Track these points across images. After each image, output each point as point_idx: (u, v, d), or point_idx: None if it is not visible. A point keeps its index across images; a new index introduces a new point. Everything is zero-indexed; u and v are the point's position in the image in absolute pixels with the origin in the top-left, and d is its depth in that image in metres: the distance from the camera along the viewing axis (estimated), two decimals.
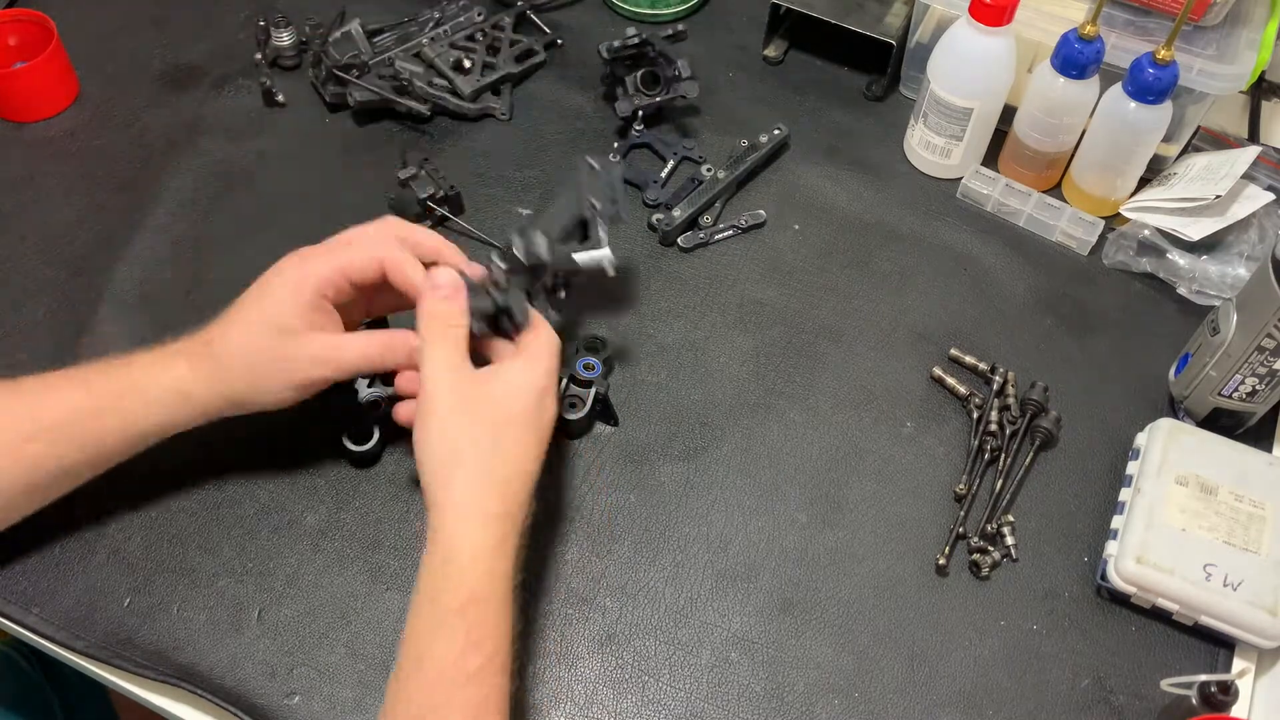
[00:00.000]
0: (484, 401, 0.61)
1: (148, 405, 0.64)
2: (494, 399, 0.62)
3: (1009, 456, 0.74)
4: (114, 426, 0.64)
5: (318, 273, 0.65)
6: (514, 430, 0.61)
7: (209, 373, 0.64)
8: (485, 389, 0.62)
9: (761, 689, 0.66)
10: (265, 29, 0.95)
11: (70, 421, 0.63)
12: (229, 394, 0.65)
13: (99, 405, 0.64)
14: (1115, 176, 0.85)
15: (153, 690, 0.66)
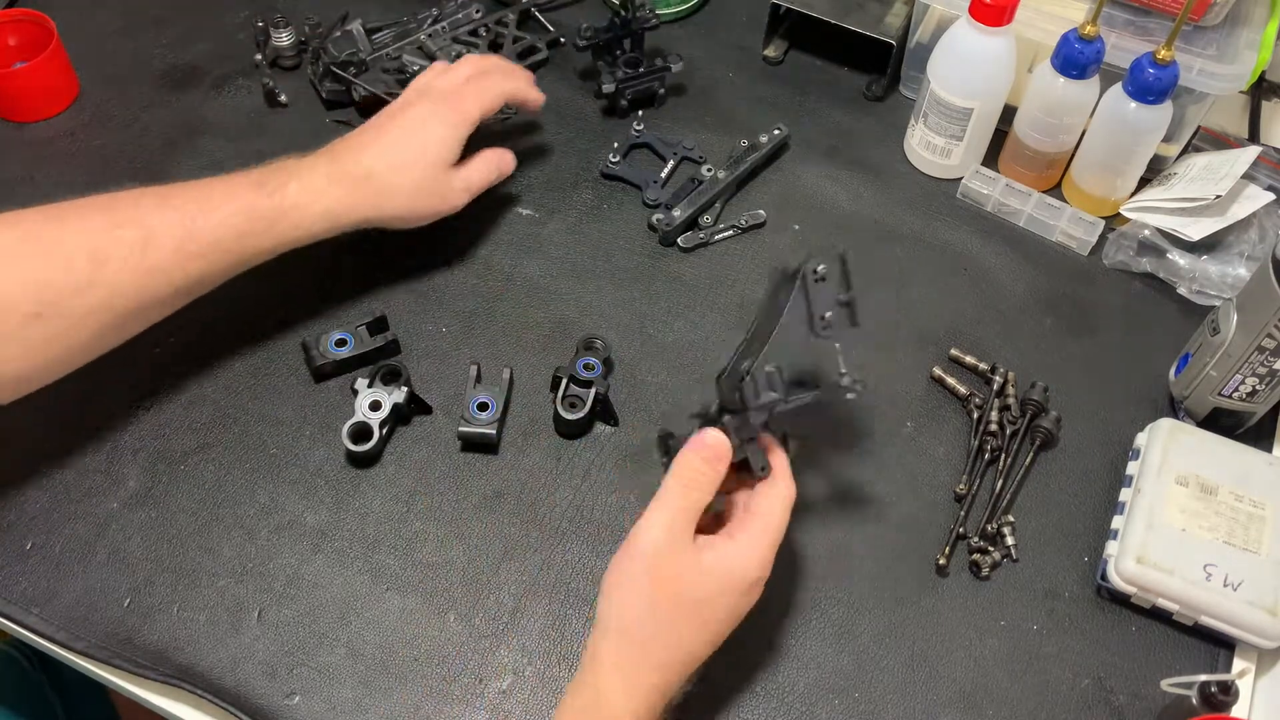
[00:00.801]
0: (680, 579, 0.57)
1: (298, 227, 0.71)
2: (692, 577, 0.58)
3: (1009, 456, 0.74)
4: (266, 245, 0.71)
5: (470, 118, 0.76)
6: (701, 615, 0.58)
7: (362, 200, 0.73)
8: (688, 562, 0.57)
9: (761, 689, 0.66)
10: (265, 29, 0.95)
11: (230, 239, 0.69)
12: (375, 218, 0.74)
13: (257, 228, 0.69)
14: (1115, 176, 0.85)
15: (153, 690, 0.66)
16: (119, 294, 0.65)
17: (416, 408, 0.75)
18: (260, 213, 0.69)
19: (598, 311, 0.81)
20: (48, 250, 0.64)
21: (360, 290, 0.82)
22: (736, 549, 0.59)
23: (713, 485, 0.60)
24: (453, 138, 0.76)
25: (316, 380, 0.77)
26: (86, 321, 0.65)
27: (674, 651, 0.58)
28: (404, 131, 0.75)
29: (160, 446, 0.74)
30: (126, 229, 0.66)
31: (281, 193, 0.70)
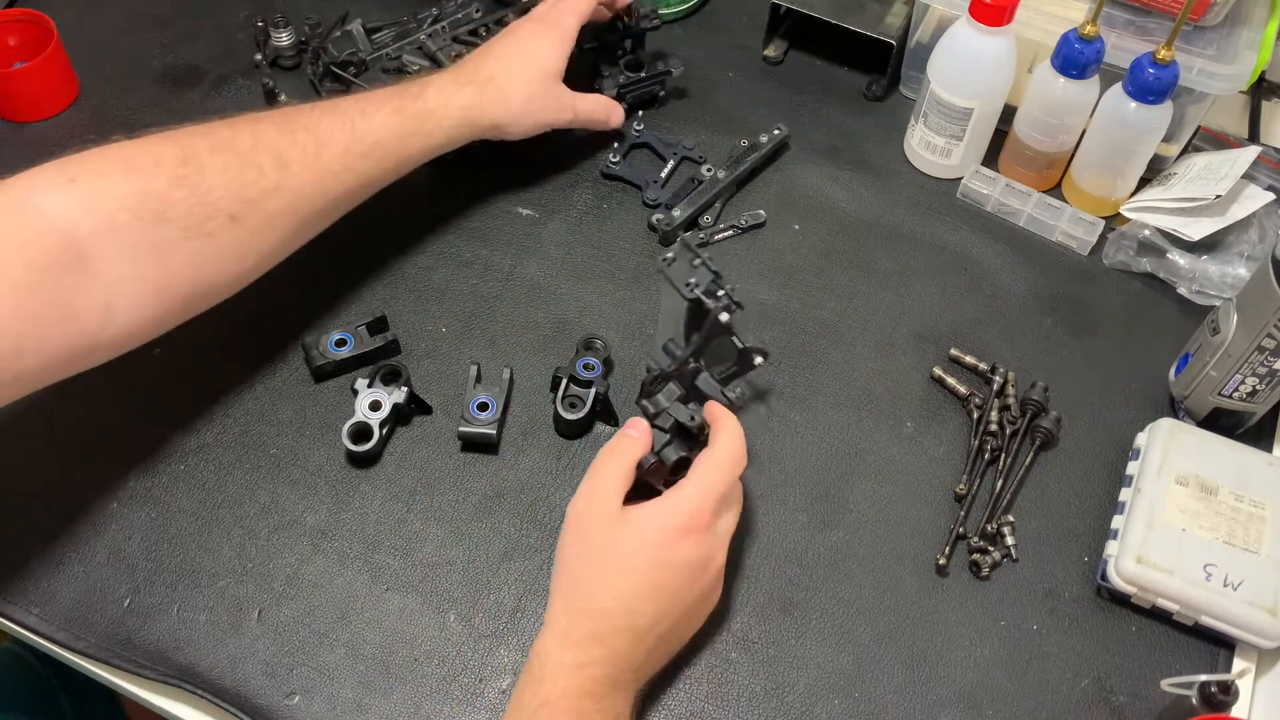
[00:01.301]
0: (602, 532, 0.61)
1: (442, 127, 0.77)
2: (612, 529, 0.61)
3: (1009, 456, 0.74)
4: (417, 146, 0.76)
5: (569, 30, 0.83)
6: (624, 559, 0.60)
7: (489, 102, 0.79)
8: (611, 516, 0.61)
9: (761, 689, 0.66)
10: (265, 29, 0.95)
11: (390, 140, 0.74)
12: (500, 121, 0.80)
13: (409, 128, 0.75)
14: (1115, 176, 0.85)
15: (153, 690, 0.66)
16: (301, 196, 0.69)
17: (416, 408, 0.75)
18: (410, 113, 0.75)
19: (598, 311, 0.81)
20: (241, 156, 0.67)
21: (360, 290, 0.82)
22: (661, 501, 0.62)
23: (637, 452, 0.64)
24: (557, 49, 0.82)
25: (316, 380, 0.77)
26: (275, 223, 0.69)
27: (599, 598, 0.60)
28: (515, 43, 0.82)
29: (160, 446, 0.74)
30: (299, 134, 0.70)
31: (423, 96, 0.76)
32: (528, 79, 0.81)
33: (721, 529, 0.63)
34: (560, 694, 0.57)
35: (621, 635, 0.59)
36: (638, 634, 0.59)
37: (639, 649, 0.60)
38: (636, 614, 0.59)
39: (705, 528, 0.61)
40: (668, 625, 0.61)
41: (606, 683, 0.58)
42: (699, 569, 0.61)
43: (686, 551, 0.60)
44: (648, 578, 0.60)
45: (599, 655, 0.58)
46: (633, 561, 0.60)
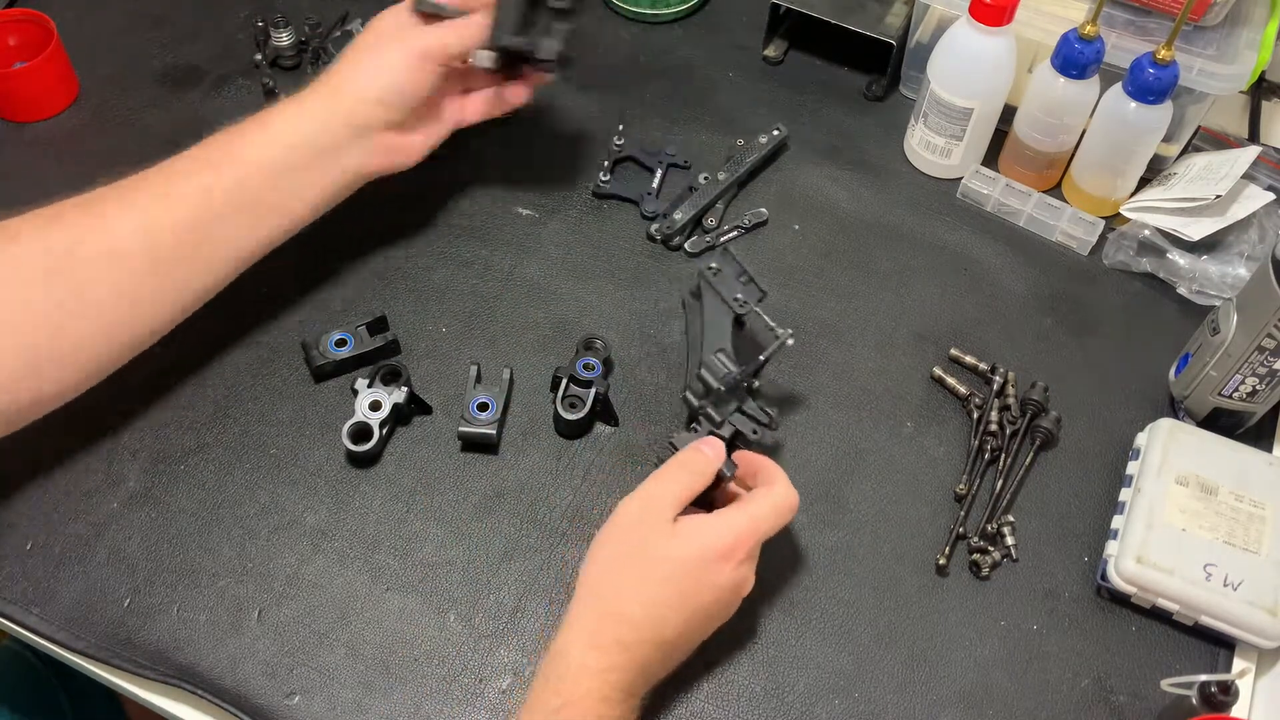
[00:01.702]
0: (646, 539, 0.60)
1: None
2: (657, 537, 0.60)
3: (1009, 456, 0.74)
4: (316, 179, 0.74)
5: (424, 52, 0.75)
6: (660, 569, 0.60)
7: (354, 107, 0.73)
8: (659, 526, 0.61)
9: (761, 689, 0.66)
10: (265, 29, 0.96)
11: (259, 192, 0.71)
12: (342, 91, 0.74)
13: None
14: (1115, 176, 0.85)
15: (153, 690, 0.66)
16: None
17: (416, 408, 0.75)
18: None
19: (598, 311, 0.81)
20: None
21: (360, 290, 0.82)
22: (709, 520, 0.61)
23: (704, 469, 0.63)
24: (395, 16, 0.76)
25: (316, 380, 0.77)
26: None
27: (630, 604, 0.59)
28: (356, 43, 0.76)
29: (160, 446, 0.74)
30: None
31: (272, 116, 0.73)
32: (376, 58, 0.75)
33: (753, 564, 0.63)
34: (582, 696, 0.57)
35: (646, 645, 0.59)
36: (661, 646, 0.59)
37: (658, 659, 0.60)
38: (665, 626, 0.59)
39: (746, 557, 0.61)
40: (687, 640, 0.61)
41: (624, 689, 0.58)
42: (729, 594, 0.61)
43: (725, 575, 0.60)
44: (682, 592, 0.60)
45: (622, 661, 0.58)
46: (673, 574, 0.60)
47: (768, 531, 0.62)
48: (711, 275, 0.72)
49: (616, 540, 0.61)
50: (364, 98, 0.74)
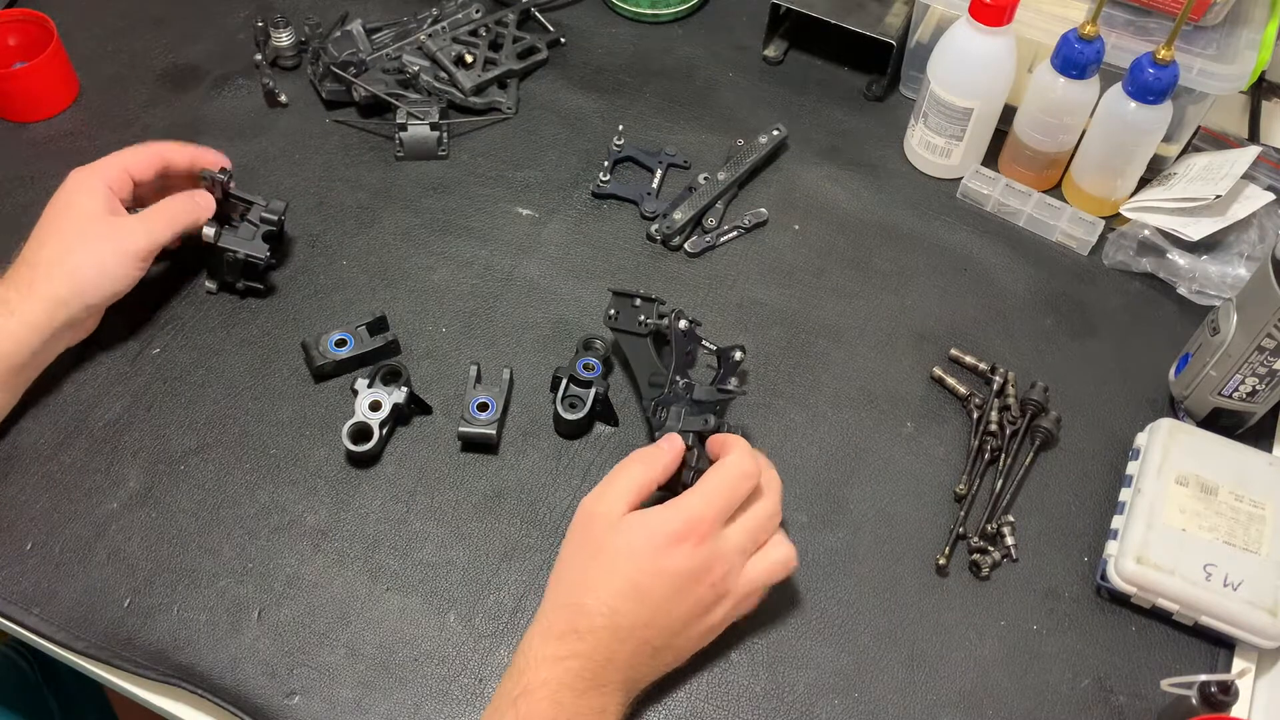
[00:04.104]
0: (599, 533, 0.61)
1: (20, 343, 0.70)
2: (608, 526, 0.61)
3: (1009, 456, 0.74)
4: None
5: (103, 173, 0.74)
6: (608, 564, 0.60)
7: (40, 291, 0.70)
8: (612, 516, 0.61)
9: (761, 689, 0.66)
10: (265, 29, 0.96)
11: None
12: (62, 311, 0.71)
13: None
14: (1115, 176, 0.85)
15: (153, 690, 0.66)
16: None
17: (416, 408, 0.75)
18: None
19: (598, 311, 0.81)
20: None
21: (360, 290, 0.82)
22: (658, 508, 0.61)
23: (659, 460, 0.64)
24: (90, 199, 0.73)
25: (316, 380, 0.77)
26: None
27: (583, 594, 0.60)
28: (49, 215, 0.74)
29: (160, 446, 0.74)
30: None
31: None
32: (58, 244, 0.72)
33: (729, 545, 0.62)
34: (540, 684, 0.58)
35: (601, 634, 0.59)
36: (618, 634, 0.59)
37: (621, 649, 0.59)
38: (618, 614, 0.59)
39: (703, 537, 0.60)
40: (657, 632, 0.60)
41: (587, 678, 0.58)
42: (690, 578, 0.60)
43: (678, 559, 0.60)
44: (632, 580, 0.60)
45: (579, 650, 0.59)
46: (618, 563, 0.60)
47: (725, 504, 0.62)
48: (613, 321, 0.74)
49: (575, 536, 0.63)
50: (85, 304, 0.72)
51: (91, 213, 0.73)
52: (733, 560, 0.62)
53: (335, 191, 0.88)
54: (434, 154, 0.90)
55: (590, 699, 0.58)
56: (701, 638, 0.63)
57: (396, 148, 0.89)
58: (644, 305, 0.74)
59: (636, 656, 0.60)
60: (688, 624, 0.62)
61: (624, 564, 0.60)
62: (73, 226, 0.73)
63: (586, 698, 0.58)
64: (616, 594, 0.60)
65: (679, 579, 0.60)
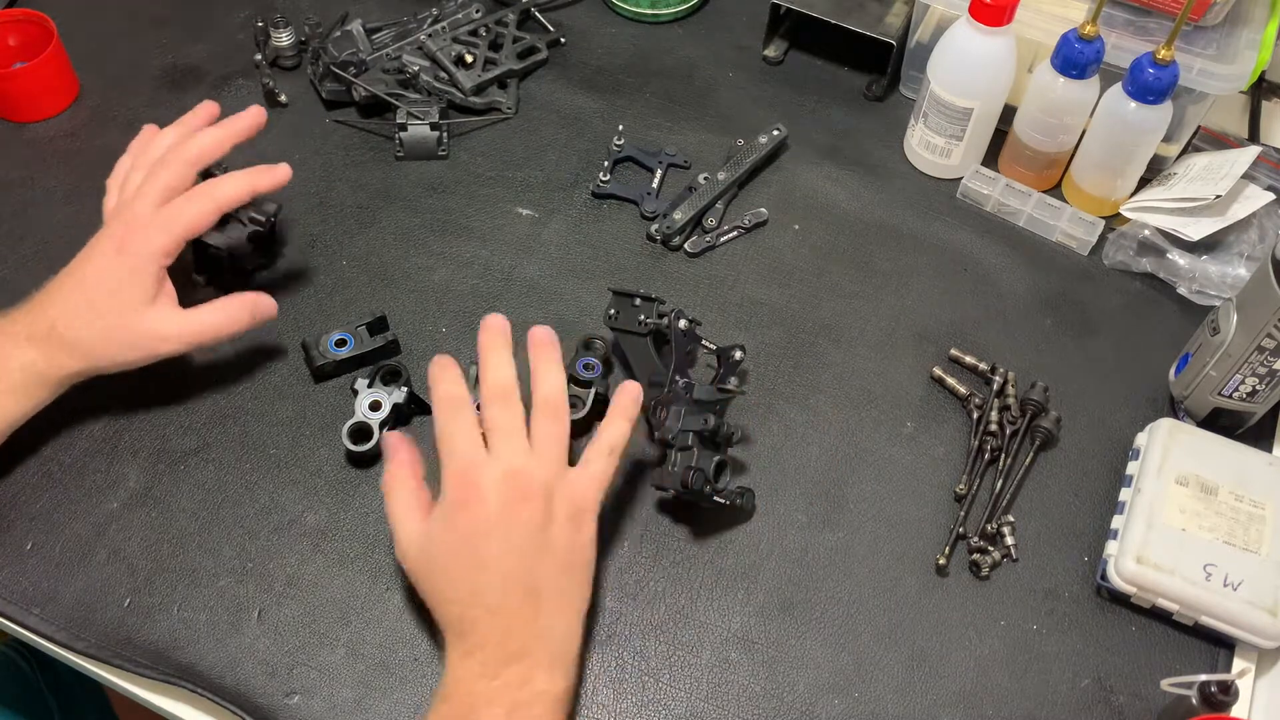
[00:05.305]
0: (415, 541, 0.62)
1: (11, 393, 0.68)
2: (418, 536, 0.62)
3: (1009, 456, 0.74)
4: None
5: (167, 252, 0.69)
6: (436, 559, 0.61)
7: (55, 353, 0.68)
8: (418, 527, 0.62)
9: (761, 689, 0.66)
10: (265, 29, 0.96)
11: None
12: (79, 370, 0.69)
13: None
14: (1115, 176, 0.85)
15: (153, 690, 0.66)
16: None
17: (416, 408, 0.75)
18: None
19: (598, 311, 0.81)
20: None
21: (360, 290, 0.82)
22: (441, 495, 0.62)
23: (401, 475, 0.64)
24: (133, 280, 0.68)
25: (316, 380, 0.77)
26: None
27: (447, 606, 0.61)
28: (89, 272, 0.69)
29: (160, 446, 0.74)
30: None
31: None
32: (97, 325, 0.68)
33: (501, 466, 0.61)
34: (453, 684, 0.59)
35: (482, 620, 0.59)
36: (495, 610, 0.59)
37: (511, 617, 0.59)
38: (481, 594, 0.60)
39: (474, 483, 0.60)
40: (527, 578, 0.60)
41: (496, 660, 0.58)
42: (493, 521, 0.60)
43: (479, 515, 0.60)
44: (463, 564, 0.60)
45: (475, 642, 0.59)
46: (445, 561, 0.61)
47: (461, 442, 0.61)
48: (613, 320, 0.75)
49: (413, 574, 0.63)
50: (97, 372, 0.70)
51: (133, 304, 0.69)
52: (515, 465, 0.61)
53: (335, 191, 0.88)
54: (434, 154, 0.90)
55: (507, 676, 0.58)
56: (571, 543, 0.62)
57: (396, 148, 0.89)
58: (644, 305, 0.74)
59: (528, 612, 0.60)
60: (540, 547, 0.61)
61: (449, 558, 0.61)
62: (92, 306, 0.68)
63: (502, 676, 0.58)
64: (465, 582, 0.60)
65: (492, 526, 0.60)
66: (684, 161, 0.90)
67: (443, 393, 0.64)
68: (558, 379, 0.65)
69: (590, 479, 0.64)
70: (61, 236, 0.84)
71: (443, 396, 0.63)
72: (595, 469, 0.64)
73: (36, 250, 0.83)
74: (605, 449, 0.65)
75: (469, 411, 0.63)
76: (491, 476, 0.61)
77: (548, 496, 0.61)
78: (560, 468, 0.63)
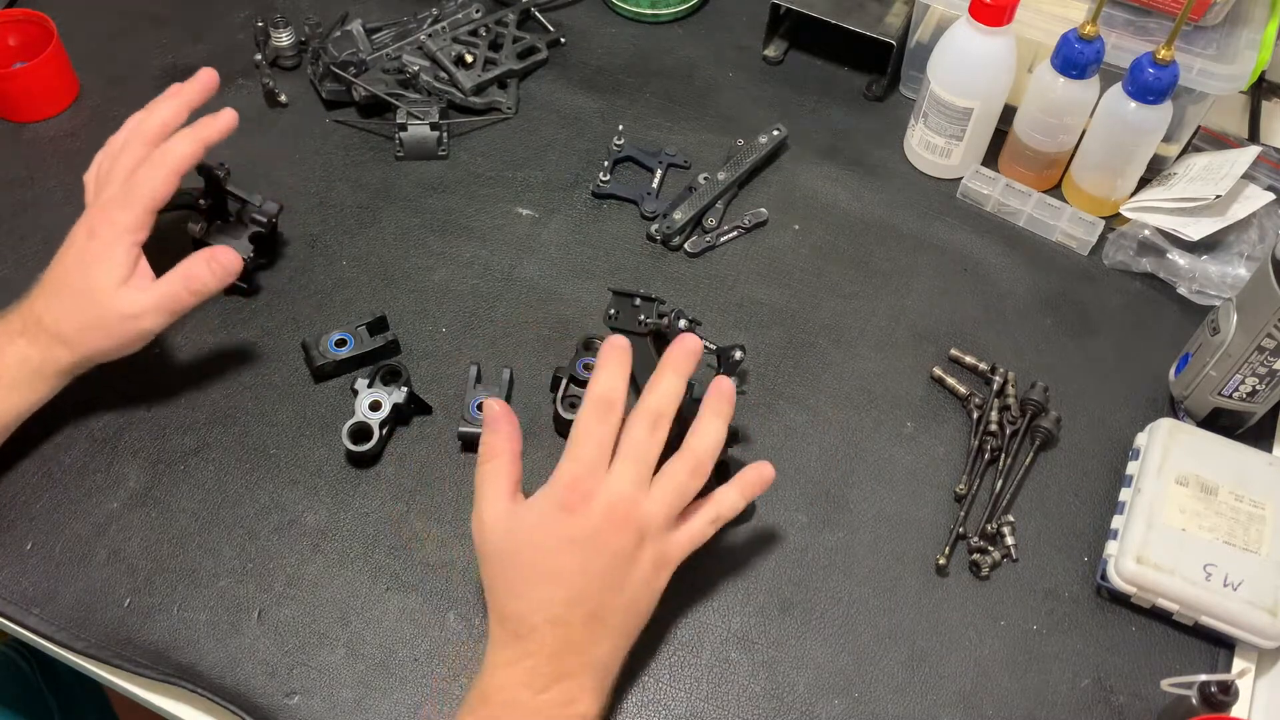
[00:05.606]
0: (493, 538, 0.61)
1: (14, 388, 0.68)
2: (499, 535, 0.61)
3: (1009, 456, 0.74)
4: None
5: (132, 228, 0.68)
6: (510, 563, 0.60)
7: (47, 346, 0.68)
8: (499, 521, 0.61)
9: (761, 689, 0.66)
10: (265, 29, 0.96)
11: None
12: (72, 362, 0.69)
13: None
14: (1115, 176, 0.85)
15: (153, 690, 0.66)
16: None
17: (416, 408, 0.75)
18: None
19: (598, 311, 0.81)
20: None
21: (360, 290, 0.82)
22: (544, 487, 0.61)
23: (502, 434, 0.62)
24: (102, 263, 0.68)
25: (316, 380, 0.77)
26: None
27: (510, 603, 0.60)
28: (61, 271, 0.69)
29: (160, 446, 0.74)
30: None
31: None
32: (76, 310, 0.68)
33: (618, 485, 0.60)
34: (496, 689, 0.58)
35: (541, 630, 0.58)
36: (558, 624, 0.58)
37: (570, 636, 0.59)
38: (549, 605, 0.59)
39: (588, 493, 0.59)
40: (593, 603, 0.59)
41: (546, 673, 0.58)
42: (593, 536, 0.59)
43: (574, 526, 0.59)
44: (544, 568, 0.59)
45: (528, 649, 0.58)
46: (526, 557, 0.60)
47: (593, 450, 0.60)
48: (614, 320, 0.74)
49: (481, 553, 0.62)
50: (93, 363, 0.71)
51: (106, 288, 0.68)
52: (629, 495, 0.60)
53: (335, 191, 0.88)
54: (434, 154, 0.90)
55: (554, 693, 0.58)
56: (645, 586, 0.61)
57: (396, 148, 0.89)
58: (644, 305, 0.74)
59: (587, 635, 0.59)
60: (618, 580, 0.60)
61: (531, 555, 0.60)
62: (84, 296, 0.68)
63: (550, 692, 0.58)
64: (538, 587, 0.59)
65: (584, 544, 0.59)
66: (684, 161, 0.90)
67: (601, 389, 0.61)
68: (718, 438, 0.63)
69: (686, 539, 0.62)
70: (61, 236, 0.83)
71: (598, 394, 0.61)
72: (695, 532, 0.63)
73: (37, 250, 0.83)
74: (711, 515, 0.63)
75: (615, 420, 0.61)
76: (604, 496, 0.59)
77: (643, 536, 0.60)
78: (669, 517, 0.61)
